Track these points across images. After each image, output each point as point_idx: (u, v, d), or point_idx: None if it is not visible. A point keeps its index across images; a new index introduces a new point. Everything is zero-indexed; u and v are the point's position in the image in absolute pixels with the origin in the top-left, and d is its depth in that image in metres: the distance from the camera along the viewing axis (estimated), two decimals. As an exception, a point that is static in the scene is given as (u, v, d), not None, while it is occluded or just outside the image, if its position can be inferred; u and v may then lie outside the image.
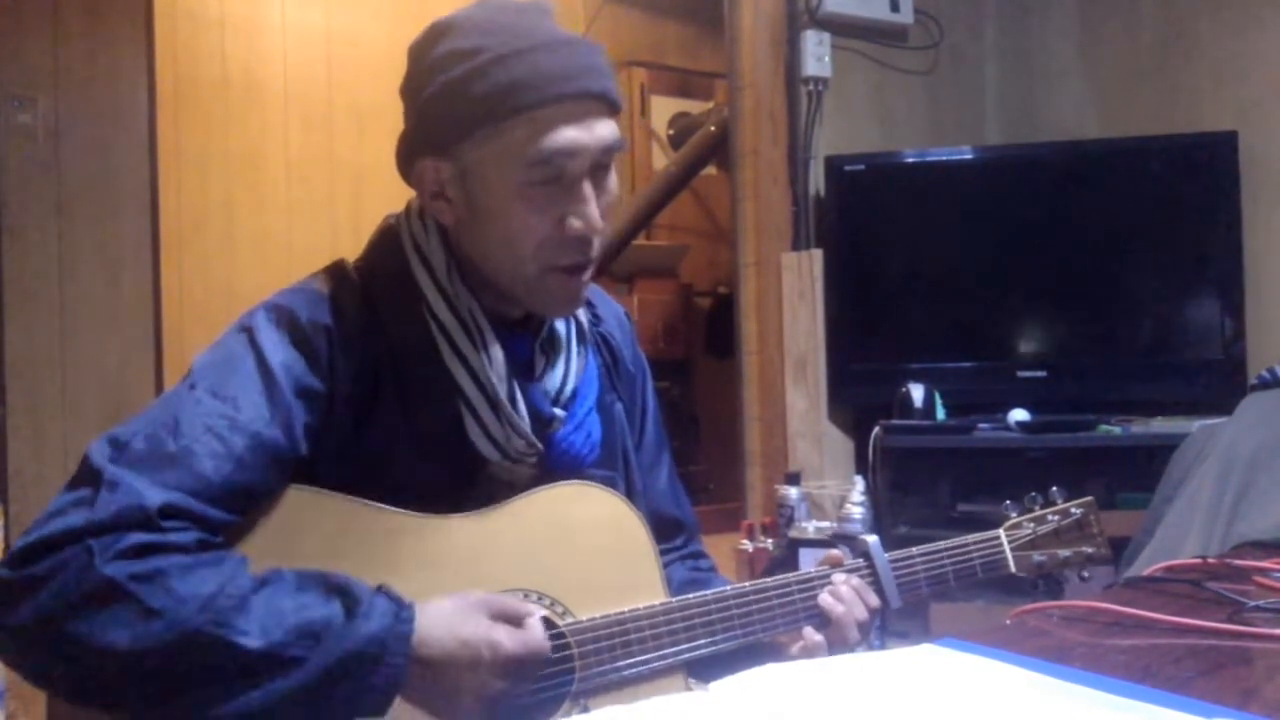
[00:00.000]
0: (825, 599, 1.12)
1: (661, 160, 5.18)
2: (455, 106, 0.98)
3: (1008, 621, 1.01)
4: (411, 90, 1.04)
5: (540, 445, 1.07)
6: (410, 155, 1.05)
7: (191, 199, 4.08)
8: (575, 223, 1.01)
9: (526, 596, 1.02)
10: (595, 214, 1.01)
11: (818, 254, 3.04)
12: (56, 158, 2.95)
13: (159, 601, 0.82)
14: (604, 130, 1.01)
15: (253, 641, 0.83)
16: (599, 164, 1.02)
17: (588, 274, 1.06)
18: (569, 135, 0.98)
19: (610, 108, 1.02)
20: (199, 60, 4.14)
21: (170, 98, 3.79)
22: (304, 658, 0.84)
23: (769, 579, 1.12)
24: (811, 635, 1.11)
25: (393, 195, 1.14)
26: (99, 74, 3.02)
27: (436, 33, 1.02)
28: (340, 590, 0.89)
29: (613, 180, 1.05)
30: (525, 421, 1.05)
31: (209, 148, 4.16)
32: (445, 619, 0.91)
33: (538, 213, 1.00)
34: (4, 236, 2.85)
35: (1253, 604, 1.00)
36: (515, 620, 0.94)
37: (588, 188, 1.01)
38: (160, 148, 3.18)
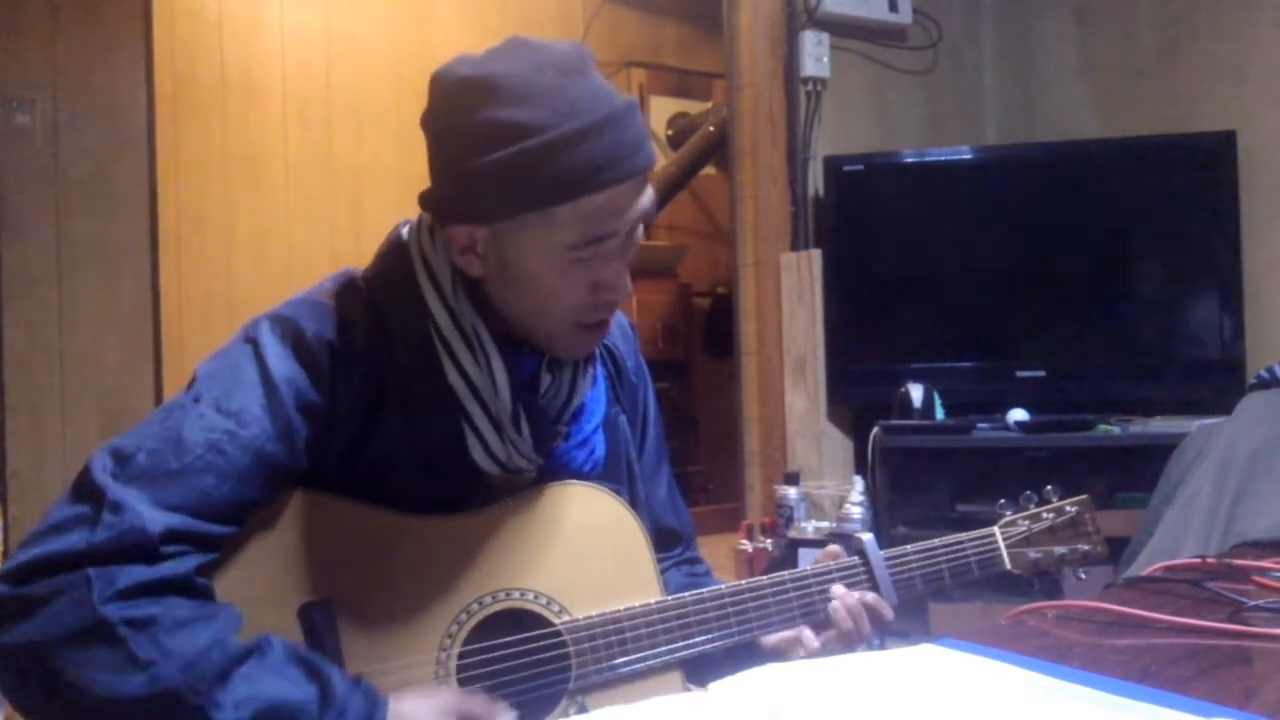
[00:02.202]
0: (836, 608, 1.11)
1: (660, 160, 5.18)
2: (502, 189, 0.96)
3: (1003, 622, 1.01)
4: (448, 148, 0.99)
5: (540, 460, 1.07)
6: (444, 216, 1.02)
7: (190, 199, 4.08)
8: (608, 292, 1.02)
9: (523, 595, 1.03)
10: (626, 281, 1.02)
11: (816, 254, 3.04)
12: (55, 158, 2.95)
13: (145, 652, 0.82)
14: (643, 202, 1.00)
15: (224, 716, 0.83)
16: (633, 228, 1.02)
17: (610, 323, 1.08)
18: (616, 220, 0.98)
19: (648, 172, 1.01)
20: (197, 61, 4.13)
21: (168, 98, 3.78)
22: None
23: (764, 577, 1.12)
24: (810, 641, 1.10)
25: (391, 196, 1.14)
26: (97, 75, 3.02)
27: (479, 91, 0.95)
28: (320, 677, 0.88)
29: (639, 233, 1.05)
30: (528, 441, 1.04)
31: (207, 148, 4.16)
32: None
33: (573, 285, 1.00)
34: (3, 237, 2.85)
35: (1252, 604, 1.00)
36: None
37: (622, 258, 1.01)
38: (159, 148, 3.17)
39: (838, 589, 1.13)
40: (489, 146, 0.94)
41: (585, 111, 0.95)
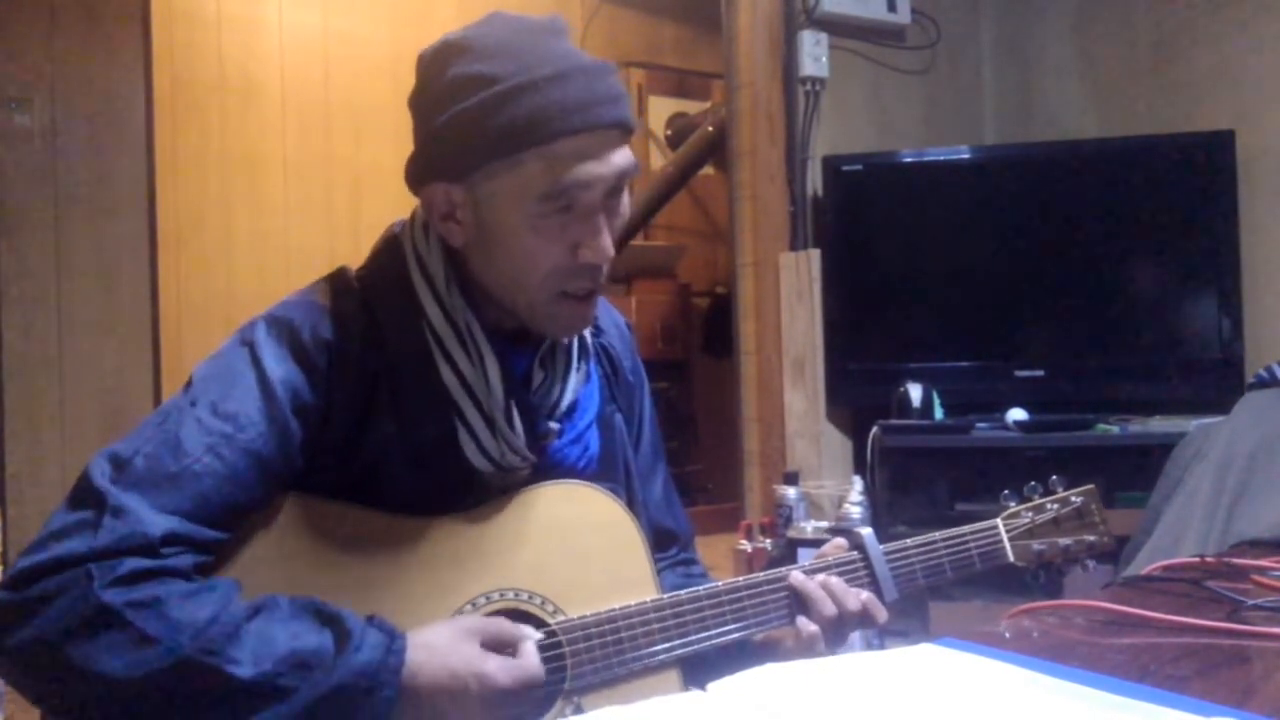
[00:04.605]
0: (796, 576, 1.10)
1: (659, 160, 5.18)
2: (469, 137, 0.96)
3: (1004, 626, 1.01)
4: (423, 110, 1.01)
5: (533, 457, 1.07)
6: (420, 177, 1.02)
7: (189, 200, 4.08)
8: (587, 253, 1.00)
9: (518, 595, 1.02)
10: (607, 243, 1.00)
11: (815, 254, 3.04)
12: (53, 159, 2.95)
13: (154, 628, 0.83)
14: (619, 159, 0.99)
15: (244, 670, 0.84)
16: (613, 189, 1.00)
17: (595, 298, 1.06)
18: (584, 169, 0.96)
19: (625, 134, 1.01)
20: (196, 61, 4.13)
21: (167, 99, 3.78)
22: (294, 688, 0.85)
23: (762, 574, 1.11)
24: (806, 626, 1.09)
25: (390, 197, 1.14)
26: (96, 75, 3.02)
27: (450, 51, 0.98)
28: (332, 620, 0.89)
29: (625, 202, 1.04)
30: (520, 438, 1.04)
31: (206, 149, 4.16)
32: (436, 649, 0.91)
33: (550, 242, 0.99)
34: (1, 238, 2.85)
35: (1251, 603, 1.00)
36: (509, 646, 0.94)
37: (600, 217, 1.00)
38: (157, 149, 3.17)
39: (796, 575, 1.11)
40: (455, 100, 0.96)
41: (553, 62, 0.96)
